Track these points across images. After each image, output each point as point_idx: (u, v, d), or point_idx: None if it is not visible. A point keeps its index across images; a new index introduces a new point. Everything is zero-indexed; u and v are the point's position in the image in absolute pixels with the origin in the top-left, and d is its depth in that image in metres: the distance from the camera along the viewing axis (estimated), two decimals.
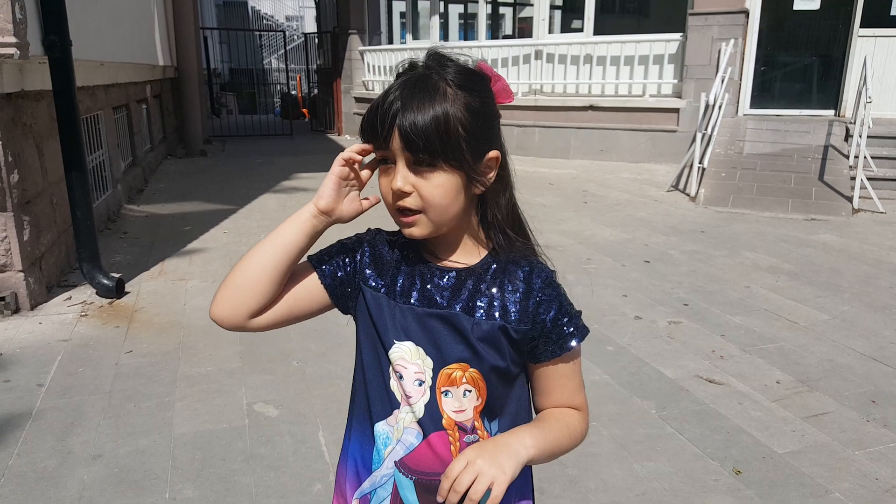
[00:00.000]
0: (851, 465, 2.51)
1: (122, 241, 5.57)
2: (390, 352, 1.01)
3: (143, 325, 3.78)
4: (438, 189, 0.94)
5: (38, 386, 3.05)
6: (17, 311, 3.87)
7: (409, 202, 0.95)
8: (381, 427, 1.03)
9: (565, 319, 1.03)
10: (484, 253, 1.05)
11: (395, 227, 1.04)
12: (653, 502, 2.29)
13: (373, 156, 0.99)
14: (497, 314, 1.00)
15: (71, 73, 4.07)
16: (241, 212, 6.73)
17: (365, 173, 1.03)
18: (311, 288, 1.05)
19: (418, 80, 0.95)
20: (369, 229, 1.12)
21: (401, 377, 1.01)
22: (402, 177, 0.94)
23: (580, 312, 1.06)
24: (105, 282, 4.15)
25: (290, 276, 1.03)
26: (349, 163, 0.99)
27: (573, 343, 1.03)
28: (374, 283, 1.05)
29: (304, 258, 1.06)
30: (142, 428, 2.72)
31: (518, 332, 1.01)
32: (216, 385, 3.08)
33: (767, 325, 3.87)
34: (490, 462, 0.92)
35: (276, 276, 1.00)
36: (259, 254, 1.00)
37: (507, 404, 1.05)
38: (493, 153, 0.98)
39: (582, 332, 1.04)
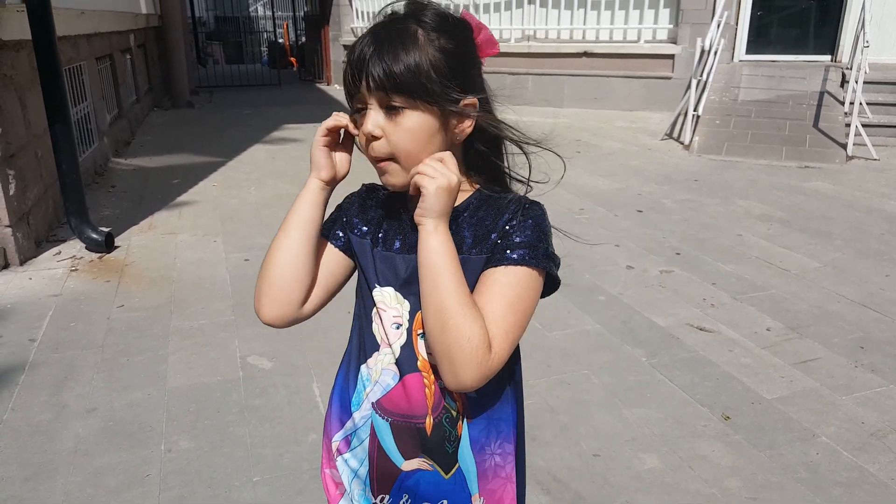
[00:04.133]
0: (839, 410, 2.55)
1: (110, 194, 5.50)
2: (373, 293, 1.03)
3: (133, 280, 3.76)
4: (408, 134, 0.93)
5: (30, 341, 3.05)
6: (6, 266, 3.84)
7: (378, 147, 0.95)
8: (363, 369, 1.06)
9: (517, 240, 0.95)
10: (465, 196, 1.01)
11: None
12: (642, 447, 2.33)
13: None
14: (463, 248, 0.96)
15: (50, 22, 3.94)
16: (230, 164, 6.65)
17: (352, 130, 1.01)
18: (334, 257, 1.07)
19: (390, 23, 0.94)
20: (363, 185, 1.13)
21: (381, 319, 1.03)
22: (372, 121, 0.93)
23: (548, 250, 0.97)
24: (94, 236, 4.12)
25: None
26: (331, 131, 1.00)
27: (515, 256, 0.93)
28: (358, 231, 1.07)
29: None
30: (136, 382, 2.73)
31: (481, 252, 0.96)
32: (209, 338, 3.09)
33: (759, 272, 3.88)
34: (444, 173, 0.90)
35: (309, 257, 1.02)
36: (286, 242, 1.01)
37: None
38: (471, 100, 0.95)
39: (539, 261, 0.94)
